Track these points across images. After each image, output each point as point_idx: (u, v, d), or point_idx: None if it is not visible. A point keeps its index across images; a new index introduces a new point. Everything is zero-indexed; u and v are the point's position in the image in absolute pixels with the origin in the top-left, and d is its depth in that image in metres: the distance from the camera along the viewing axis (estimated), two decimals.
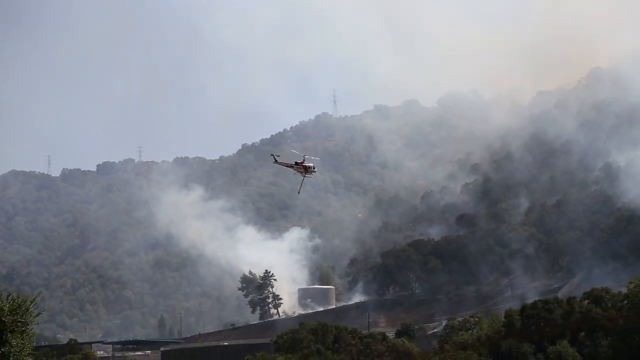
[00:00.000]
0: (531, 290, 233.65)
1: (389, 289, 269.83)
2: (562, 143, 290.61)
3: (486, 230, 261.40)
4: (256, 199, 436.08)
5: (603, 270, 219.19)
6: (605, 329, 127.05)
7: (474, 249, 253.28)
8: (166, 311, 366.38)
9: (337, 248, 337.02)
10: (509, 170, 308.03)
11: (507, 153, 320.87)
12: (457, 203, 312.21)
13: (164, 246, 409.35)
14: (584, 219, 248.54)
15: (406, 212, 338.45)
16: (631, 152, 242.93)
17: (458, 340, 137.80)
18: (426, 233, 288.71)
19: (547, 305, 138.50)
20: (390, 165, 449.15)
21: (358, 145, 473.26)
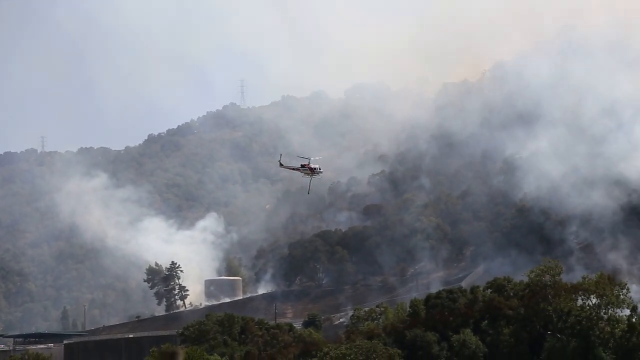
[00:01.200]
0: (436, 280, 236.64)
1: (296, 280, 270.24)
2: (466, 135, 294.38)
3: (392, 221, 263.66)
4: (163, 189, 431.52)
5: (505, 259, 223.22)
6: (507, 317, 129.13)
7: (380, 240, 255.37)
8: (69, 304, 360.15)
9: (244, 239, 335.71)
10: (414, 161, 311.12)
11: (413, 144, 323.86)
12: (364, 193, 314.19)
13: (67, 237, 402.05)
14: (487, 210, 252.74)
15: (313, 202, 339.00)
16: (532, 144, 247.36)
17: (364, 329, 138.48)
18: (333, 224, 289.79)
19: (451, 294, 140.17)
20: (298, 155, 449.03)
21: (265, 136, 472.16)
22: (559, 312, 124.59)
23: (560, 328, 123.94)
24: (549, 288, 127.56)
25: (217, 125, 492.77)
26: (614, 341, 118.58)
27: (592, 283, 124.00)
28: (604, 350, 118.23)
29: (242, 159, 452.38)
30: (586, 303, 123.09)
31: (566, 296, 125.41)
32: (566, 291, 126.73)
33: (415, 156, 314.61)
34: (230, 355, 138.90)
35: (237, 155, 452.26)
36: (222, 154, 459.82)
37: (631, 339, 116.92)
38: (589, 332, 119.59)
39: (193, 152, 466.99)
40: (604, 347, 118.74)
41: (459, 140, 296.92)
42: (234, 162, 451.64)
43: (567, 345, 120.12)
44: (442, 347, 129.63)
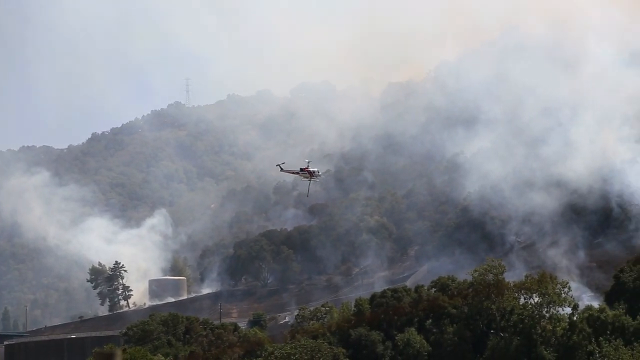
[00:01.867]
0: (381, 279, 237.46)
1: (241, 279, 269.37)
2: (411, 134, 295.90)
3: (337, 220, 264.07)
4: (107, 188, 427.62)
5: (449, 259, 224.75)
6: (451, 316, 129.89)
7: (326, 239, 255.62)
8: (10, 304, 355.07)
9: (189, 238, 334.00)
10: (360, 161, 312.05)
11: (358, 144, 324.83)
12: (310, 192, 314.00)
13: (8, 237, 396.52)
14: (432, 209, 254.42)
15: (259, 202, 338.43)
16: (474, 144, 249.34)
17: (309, 329, 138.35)
18: (279, 223, 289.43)
19: (395, 293, 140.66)
20: (244, 154, 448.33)
21: (210, 135, 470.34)
22: (502, 311, 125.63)
23: (503, 327, 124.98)
24: (492, 287, 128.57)
25: (161, 124, 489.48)
26: (556, 339, 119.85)
27: (534, 282, 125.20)
28: (545, 348, 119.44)
29: (187, 158, 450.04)
30: (528, 302, 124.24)
31: (509, 295, 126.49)
32: (509, 290, 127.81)
33: (360, 155, 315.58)
34: (174, 356, 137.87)
35: (182, 154, 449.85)
36: (167, 153, 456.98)
37: (572, 337, 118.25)
38: (531, 331, 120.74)
39: (137, 151, 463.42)
40: (546, 345, 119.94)
41: (404, 139, 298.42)
42: (179, 161, 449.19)
43: (510, 344, 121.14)
44: (387, 346, 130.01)
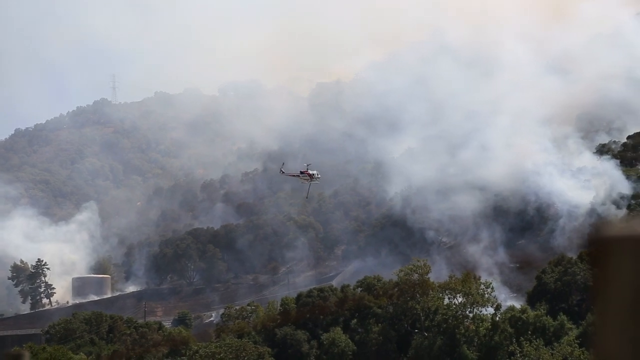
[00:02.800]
0: (307, 278, 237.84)
1: (167, 278, 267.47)
2: (339, 134, 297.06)
3: (264, 219, 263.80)
4: (30, 185, 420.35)
5: (376, 258, 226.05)
6: (376, 316, 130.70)
7: (253, 238, 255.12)
8: None
9: (115, 236, 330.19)
10: (288, 160, 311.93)
11: (286, 143, 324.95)
12: (237, 192, 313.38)
13: None
14: (359, 209, 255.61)
15: (186, 200, 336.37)
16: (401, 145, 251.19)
17: (234, 328, 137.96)
18: (205, 221, 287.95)
19: (322, 293, 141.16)
20: (171, 152, 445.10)
21: (137, 132, 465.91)
22: (426, 311, 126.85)
23: (427, 326, 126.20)
24: (417, 287, 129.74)
25: (87, 120, 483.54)
26: (478, 339, 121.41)
27: (459, 282, 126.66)
28: (468, 348, 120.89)
29: (113, 155, 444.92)
30: (452, 302, 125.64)
31: (433, 295, 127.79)
32: (434, 290, 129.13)
33: (289, 154, 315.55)
34: (97, 355, 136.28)
35: (108, 151, 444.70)
36: (92, 150, 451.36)
37: (494, 337, 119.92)
38: (454, 331, 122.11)
39: (62, 147, 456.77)
40: (469, 344, 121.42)
41: (332, 139, 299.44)
42: (105, 158, 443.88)
43: (434, 343, 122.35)
44: (312, 346, 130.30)
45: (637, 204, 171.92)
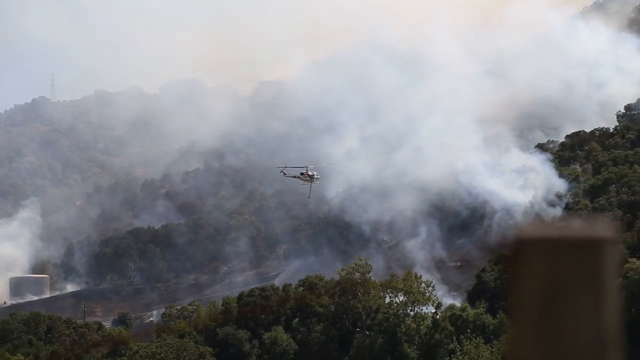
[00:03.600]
0: (249, 277, 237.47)
1: (107, 278, 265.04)
2: (281, 133, 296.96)
3: (206, 219, 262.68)
4: None
5: (318, 257, 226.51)
6: (318, 315, 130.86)
7: (194, 237, 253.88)
8: None
9: (54, 235, 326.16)
10: (230, 159, 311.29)
11: (228, 141, 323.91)
12: (178, 191, 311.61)
13: None
14: (301, 208, 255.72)
15: (127, 199, 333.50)
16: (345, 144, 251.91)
17: (175, 328, 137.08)
18: (146, 221, 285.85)
19: (263, 292, 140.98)
20: (111, 151, 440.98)
21: (77, 131, 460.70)
22: (367, 310, 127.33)
23: (369, 325, 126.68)
24: (358, 286, 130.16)
25: (25, 118, 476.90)
26: (419, 337, 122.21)
27: (400, 281, 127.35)
28: (409, 346, 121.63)
29: (52, 154, 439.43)
30: (394, 300, 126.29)
31: (375, 294, 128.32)
32: (375, 289, 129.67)
33: (230, 153, 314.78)
34: (35, 355, 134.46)
35: (47, 149, 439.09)
36: (31, 148, 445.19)
37: (435, 335, 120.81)
38: (395, 329, 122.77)
39: None
40: (410, 343, 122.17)
41: (273, 138, 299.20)
42: (43, 156, 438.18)
43: (375, 342, 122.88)
44: (254, 345, 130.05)
45: (574, 203, 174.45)
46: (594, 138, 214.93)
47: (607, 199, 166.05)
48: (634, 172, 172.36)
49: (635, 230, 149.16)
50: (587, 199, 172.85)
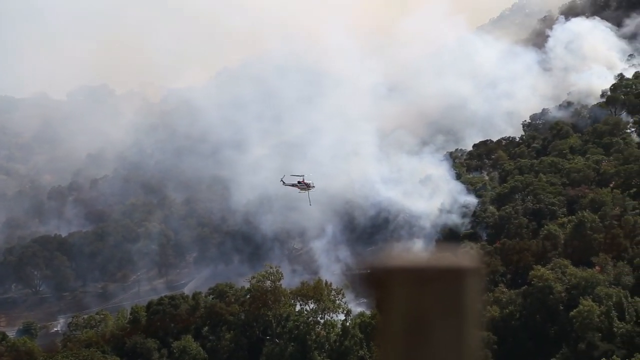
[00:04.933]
0: (159, 286, 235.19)
1: (12, 287, 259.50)
2: (193, 140, 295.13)
3: (115, 227, 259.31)
4: None
5: (229, 266, 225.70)
6: (228, 323, 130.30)
7: (102, 245, 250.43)
8: None
9: None
10: (139, 166, 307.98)
11: (138, 148, 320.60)
12: (86, 198, 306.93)
13: None
14: (212, 215, 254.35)
15: (33, 206, 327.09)
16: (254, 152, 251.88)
17: (82, 337, 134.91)
18: (53, 229, 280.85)
19: (173, 301, 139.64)
20: (16, 158, 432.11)
21: None
22: (278, 318, 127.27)
23: (279, 333, 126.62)
24: (269, 294, 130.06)
25: None
26: (329, 345, 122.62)
27: (310, 289, 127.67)
28: (319, 354, 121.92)
29: None
30: (304, 308, 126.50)
31: (285, 302, 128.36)
32: (285, 297, 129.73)
33: (140, 160, 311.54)
34: None
35: None
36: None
37: (344, 342, 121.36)
38: (306, 337, 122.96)
39: None
40: (320, 350, 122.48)
41: (183, 145, 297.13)
42: None
43: (285, 350, 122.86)
44: (162, 354, 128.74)
45: (482, 211, 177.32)
46: (500, 147, 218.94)
47: (513, 207, 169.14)
48: (539, 180, 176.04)
49: (540, 238, 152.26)
50: (494, 207, 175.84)
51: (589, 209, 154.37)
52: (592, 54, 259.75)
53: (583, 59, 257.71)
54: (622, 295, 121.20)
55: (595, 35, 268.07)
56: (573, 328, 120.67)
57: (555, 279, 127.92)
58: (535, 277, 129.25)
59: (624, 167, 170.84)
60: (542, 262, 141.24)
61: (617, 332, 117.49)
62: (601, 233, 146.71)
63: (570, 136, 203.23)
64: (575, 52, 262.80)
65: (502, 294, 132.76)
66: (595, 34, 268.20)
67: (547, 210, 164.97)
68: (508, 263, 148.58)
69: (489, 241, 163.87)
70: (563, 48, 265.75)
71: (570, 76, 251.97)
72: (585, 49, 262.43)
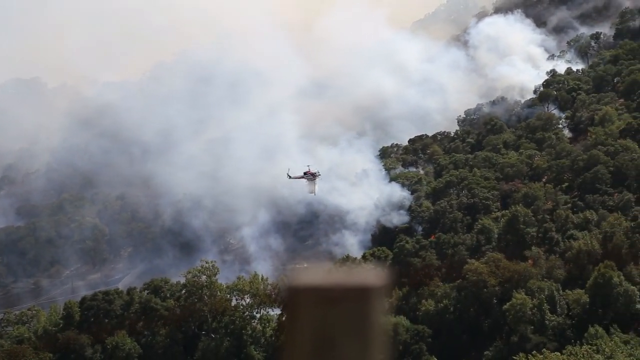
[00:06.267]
0: (93, 281, 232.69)
1: None
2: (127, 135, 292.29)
3: (47, 221, 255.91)
4: None
5: (164, 260, 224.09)
6: (163, 318, 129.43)
7: (34, 241, 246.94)
8: None
9: None
10: (73, 161, 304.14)
11: (72, 143, 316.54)
12: (18, 193, 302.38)
13: None
14: (146, 210, 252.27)
15: None
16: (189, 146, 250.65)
17: (13, 334, 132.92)
18: None
19: (107, 296, 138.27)
20: None
21: None
22: (213, 312, 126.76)
23: (214, 328, 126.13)
24: (205, 288, 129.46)
25: None
26: (265, 339, 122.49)
27: (246, 283, 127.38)
28: (255, 348, 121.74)
29: None
30: (240, 303, 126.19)
31: (221, 296, 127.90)
32: (221, 291, 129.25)
33: (74, 155, 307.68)
34: None
35: None
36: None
37: (280, 336, 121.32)
38: (242, 332, 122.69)
39: None
40: (256, 345, 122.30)
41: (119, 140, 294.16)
42: None
43: (221, 345, 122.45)
44: (96, 350, 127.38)
45: (417, 205, 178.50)
46: (435, 142, 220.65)
47: (448, 201, 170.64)
48: (474, 175, 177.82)
49: (474, 232, 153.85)
50: (429, 201, 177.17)
51: (522, 203, 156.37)
52: (510, 50, 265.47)
53: (502, 56, 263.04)
54: (554, 289, 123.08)
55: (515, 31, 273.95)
56: (506, 321, 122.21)
57: (489, 273, 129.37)
58: (469, 271, 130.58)
59: (556, 161, 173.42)
60: (477, 256, 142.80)
61: (548, 325, 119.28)
62: (534, 227, 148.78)
63: (504, 131, 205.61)
64: (494, 49, 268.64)
65: (437, 288, 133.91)
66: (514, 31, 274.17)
67: (482, 204, 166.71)
68: (443, 257, 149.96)
69: (424, 235, 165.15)
70: (484, 45, 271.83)
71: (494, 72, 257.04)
72: (503, 47, 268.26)
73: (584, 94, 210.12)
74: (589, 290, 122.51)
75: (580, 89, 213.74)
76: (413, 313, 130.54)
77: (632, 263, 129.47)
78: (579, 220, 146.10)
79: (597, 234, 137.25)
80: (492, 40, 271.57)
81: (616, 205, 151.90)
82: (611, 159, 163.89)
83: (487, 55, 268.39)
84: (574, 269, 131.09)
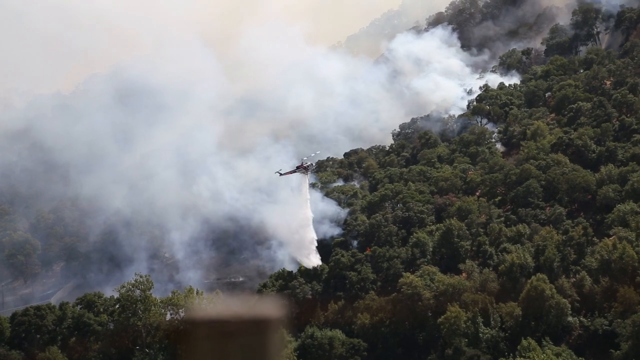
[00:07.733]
0: (24, 296, 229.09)
1: None
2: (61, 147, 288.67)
3: None
4: None
5: (97, 275, 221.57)
6: (96, 333, 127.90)
7: None
8: None
9: None
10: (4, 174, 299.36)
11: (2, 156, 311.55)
12: None
13: None
14: (80, 224, 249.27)
15: None
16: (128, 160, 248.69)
17: None
18: None
19: (39, 311, 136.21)
20: None
21: None
22: (148, 327, 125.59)
23: (149, 342, 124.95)
24: (139, 303, 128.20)
25: None
26: None
27: (181, 297, 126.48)
28: None
29: None
30: (175, 317, 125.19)
31: (155, 311, 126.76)
32: (156, 306, 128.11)
33: (5, 168, 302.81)
34: None
35: None
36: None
37: None
38: (175, 346, 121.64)
39: None
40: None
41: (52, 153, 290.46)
42: None
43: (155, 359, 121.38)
44: None
45: (353, 219, 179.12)
46: (371, 155, 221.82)
47: (383, 215, 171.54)
48: (409, 189, 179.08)
49: (409, 245, 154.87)
50: (364, 215, 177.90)
51: (456, 216, 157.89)
52: (431, 66, 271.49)
53: (424, 72, 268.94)
54: (487, 301, 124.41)
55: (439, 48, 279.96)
56: (441, 334, 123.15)
57: (423, 286, 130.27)
58: (404, 284, 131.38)
59: (490, 175, 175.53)
60: (411, 269, 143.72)
61: (482, 337, 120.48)
62: (468, 240, 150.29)
63: (438, 145, 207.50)
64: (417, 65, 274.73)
65: (372, 301, 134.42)
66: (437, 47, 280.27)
67: (416, 218, 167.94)
68: (378, 270, 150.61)
69: (360, 249, 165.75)
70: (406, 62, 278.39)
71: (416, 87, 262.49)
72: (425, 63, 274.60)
73: (516, 108, 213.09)
74: (522, 303, 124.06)
75: (513, 103, 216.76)
76: (349, 326, 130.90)
77: (563, 276, 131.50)
78: (511, 234, 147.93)
79: (530, 247, 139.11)
80: (413, 57, 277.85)
81: (548, 218, 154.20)
82: (543, 173, 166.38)
83: (411, 71, 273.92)
84: (507, 282, 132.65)
